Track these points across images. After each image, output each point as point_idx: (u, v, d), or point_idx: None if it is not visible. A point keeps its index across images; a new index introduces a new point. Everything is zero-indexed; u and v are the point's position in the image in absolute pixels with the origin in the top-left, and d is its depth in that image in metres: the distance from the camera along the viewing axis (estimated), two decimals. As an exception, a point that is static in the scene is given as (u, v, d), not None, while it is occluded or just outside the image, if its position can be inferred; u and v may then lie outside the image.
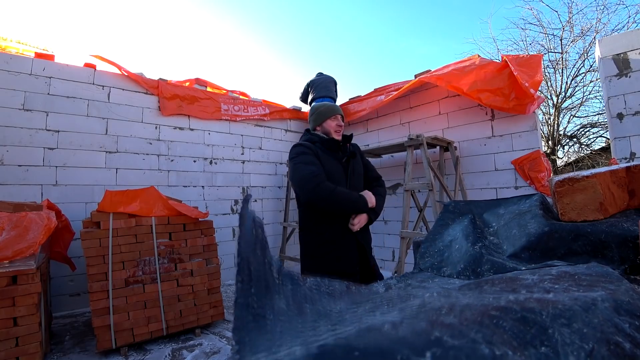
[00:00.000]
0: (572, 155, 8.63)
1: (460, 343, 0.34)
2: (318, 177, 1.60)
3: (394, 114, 4.41)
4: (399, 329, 0.36)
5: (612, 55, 2.84)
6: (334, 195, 1.59)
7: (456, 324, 0.38)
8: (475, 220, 1.18)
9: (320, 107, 1.87)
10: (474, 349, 0.34)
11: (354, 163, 1.82)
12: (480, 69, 3.33)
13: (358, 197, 1.68)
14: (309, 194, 1.61)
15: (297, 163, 1.67)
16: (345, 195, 1.64)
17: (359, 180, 1.84)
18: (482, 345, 0.34)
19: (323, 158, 1.71)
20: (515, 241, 1.02)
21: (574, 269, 0.70)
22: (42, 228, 2.08)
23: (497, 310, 0.42)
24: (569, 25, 7.48)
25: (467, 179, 3.65)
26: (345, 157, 1.79)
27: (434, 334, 0.35)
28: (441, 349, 0.33)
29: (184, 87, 4.06)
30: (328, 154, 1.75)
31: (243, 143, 4.55)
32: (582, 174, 1.03)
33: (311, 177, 1.60)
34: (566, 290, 0.56)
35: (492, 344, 0.35)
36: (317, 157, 1.70)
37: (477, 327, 0.38)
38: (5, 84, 2.98)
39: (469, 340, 0.35)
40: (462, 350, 0.33)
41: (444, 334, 0.35)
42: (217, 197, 4.16)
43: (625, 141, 2.77)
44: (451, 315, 0.40)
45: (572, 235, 0.95)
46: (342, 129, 1.86)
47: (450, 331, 0.36)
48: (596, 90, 7.55)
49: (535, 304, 0.46)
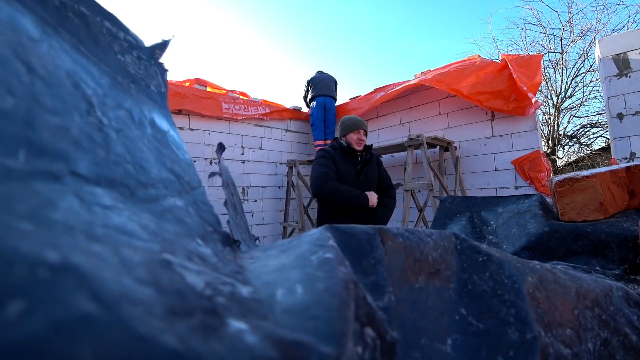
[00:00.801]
0: (572, 155, 8.63)
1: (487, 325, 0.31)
2: (326, 177, 1.93)
3: (394, 114, 4.41)
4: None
5: (612, 55, 2.84)
6: (336, 192, 1.91)
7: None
8: (473, 219, 1.18)
9: (347, 121, 2.14)
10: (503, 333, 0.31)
11: (367, 169, 2.10)
12: (479, 70, 3.33)
13: (359, 194, 1.96)
14: (317, 191, 1.95)
15: (315, 165, 2.03)
16: (347, 191, 1.93)
17: (371, 184, 2.10)
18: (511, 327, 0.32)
19: (339, 162, 2.03)
20: (515, 241, 1.02)
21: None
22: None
23: (533, 274, 0.39)
24: (569, 25, 7.48)
25: (467, 179, 3.65)
26: (360, 164, 2.08)
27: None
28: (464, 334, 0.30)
29: (184, 87, 4.06)
30: (345, 160, 2.06)
31: (243, 143, 4.55)
32: (582, 174, 1.03)
33: (321, 176, 1.93)
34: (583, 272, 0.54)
35: (526, 324, 0.32)
36: (334, 161, 2.02)
37: (513, 299, 0.35)
38: (5, 84, 2.98)
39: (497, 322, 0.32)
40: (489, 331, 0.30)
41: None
42: (217, 197, 4.16)
43: (625, 141, 2.77)
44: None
45: (572, 235, 0.95)
46: (363, 142, 2.13)
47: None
48: (596, 90, 7.56)
49: (565, 276, 0.43)
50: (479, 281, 0.37)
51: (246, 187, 4.50)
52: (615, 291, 0.49)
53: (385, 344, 0.26)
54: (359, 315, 0.25)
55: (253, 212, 4.54)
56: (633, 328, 0.46)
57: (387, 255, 0.35)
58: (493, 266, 0.38)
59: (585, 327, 0.39)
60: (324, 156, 2.03)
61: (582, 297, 0.41)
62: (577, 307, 0.40)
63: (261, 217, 4.65)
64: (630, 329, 0.45)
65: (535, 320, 0.34)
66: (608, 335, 0.41)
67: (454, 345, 0.30)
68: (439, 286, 0.36)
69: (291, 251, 0.33)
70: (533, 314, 0.34)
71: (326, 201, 1.98)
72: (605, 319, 0.43)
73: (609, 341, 0.41)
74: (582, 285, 0.43)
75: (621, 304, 0.48)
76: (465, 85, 3.31)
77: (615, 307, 0.46)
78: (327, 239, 0.32)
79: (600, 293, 0.45)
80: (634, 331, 0.45)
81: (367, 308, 0.27)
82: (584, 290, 0.43)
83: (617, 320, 0.45)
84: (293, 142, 5.18)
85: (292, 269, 0.28)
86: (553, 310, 0.37)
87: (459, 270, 0.38)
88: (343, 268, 0.27)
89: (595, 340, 0.39)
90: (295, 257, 0.30)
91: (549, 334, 0.34)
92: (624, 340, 0.43)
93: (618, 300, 0.48)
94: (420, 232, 0.40)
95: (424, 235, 0.40)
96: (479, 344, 0.31)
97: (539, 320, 0.34)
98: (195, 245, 0.31)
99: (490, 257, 0.39)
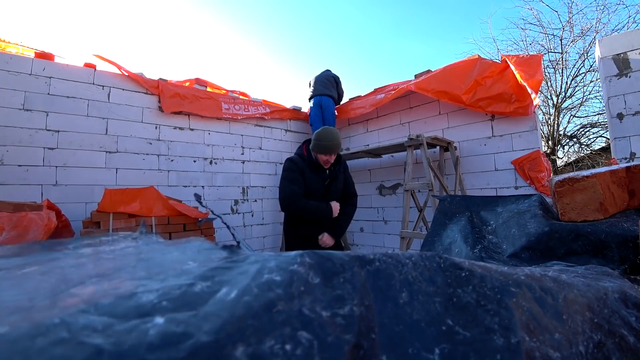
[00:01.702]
0: (572, 155, 8.63)
1: (473, 334, 0.33)
2: (295, 197, 2.04)
3: (394, 114, 4.41)
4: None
5: (612, 55, 2.84)
6: (304, 209, 2.06)
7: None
8: (472, 219, 1.18)
9: (320, 141, 2.11)
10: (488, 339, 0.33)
11: (335, 183, 2.21)
12: (479, 75, 3.36)
13: (324, 208, 2.10)
14: (286, 208, 2.10)
15: (283, 179, 2.11)
16: (313, 208, 2.07)
17: (337, 195, 2.23)
18: (496, 334, 0.34)
19: (308, 175, 2.11)
20: (515, 241, 1.02)
21: (575, 269, 0.70)
22: (42, 228, 2.07)
23: (516, 285, 0.42)
24: (569, 25, 7.48)
25: (467, 179, 3.65)
26: (328, 179, 2.17)
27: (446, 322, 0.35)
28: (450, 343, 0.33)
29: (184, 87, 4.06)
30: (313, 173, 2.13)
31: (243, 143, 4.54)
32: (582, 174, 1.03)
33: (290, 195, 2.05)
34: (577, 277, 0.55)
35: (509, 330, 0.35)
36: (302, 173, 2.10)
37: (496, 308, 0.37)
38: (5, 84, 2.98)
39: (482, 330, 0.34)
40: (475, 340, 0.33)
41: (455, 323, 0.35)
42: (217, 197, 4.15)
43: (625, 141, 2.77)
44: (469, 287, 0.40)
45: (572, 235, 0.95)
46: (330, 162, 2.17)
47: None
48: (596, 90, 7.56)
49: (552, 284, 0.45)
50: (463, 294, 0.40)
51: (246, 187, 4.50)
52: (610, 294, 0.49)
53: (336, 344, 0.32)
54: (291, 323, 0.32)
55: (253, 212, 4.54)
56: (631, 329, 0.46)
57: (362, 277, 0.40)
58: (475, 280, 0.42)
59: (575, 331, 0.40)
60: (292, 169, 2.11)
61: (570, 302, 0.43)
62: (565, 312, 0.42)
63: (261, 217, 4.65)
64: (627, 331, 0.45)
65: (520, 327, 0.36)
66: (602, 337, 0.42)
67: (442, 353, 0.33)
68: (423, 300, 0.40)
69: (259, 264, 0.39)
70: (517, 321, 0.36)
71: (293, 216, 2.15)
72: (598, 322, 0.44)
73: (603, 343, 0.42)
74: (572, 291, 0.45)
75: (617, 306, 0.48)
76: (466, 95, 3.37)
77: (610, 310, 0.46)
78: (294, 263, 0.38)
79: (592, 297, 0.47)
80: (631, 332, 0.45)
81: (302, 318, 0.33)
82: (573, 295, 0.45)
83: (613, 323, 0.45)
84: (293, 142, 5.18)
85: (247, 277, 0.36)
86: (539, 317, 0.39)
87: (444, 285, 0.42)
88: (279, 290, 0.34)
89: (587, 343, 0.40)
90: (256, 270, 0.37)
91: (534, 338, 0.36)
92: (621, 341, 0.43)
93: (614, 303, 0.48)
94: (398, 255, 0.45)
95: (403, 258, 0.45)
96: (466, 351, 0.33)
97: (524, 326, 0.36)
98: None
99: (472, 272, 0.43)
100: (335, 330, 0.32)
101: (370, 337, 0.33)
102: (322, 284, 0.37)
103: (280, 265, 0.37)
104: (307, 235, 2.15)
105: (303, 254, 0.41)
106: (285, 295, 0.33)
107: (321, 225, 2.15)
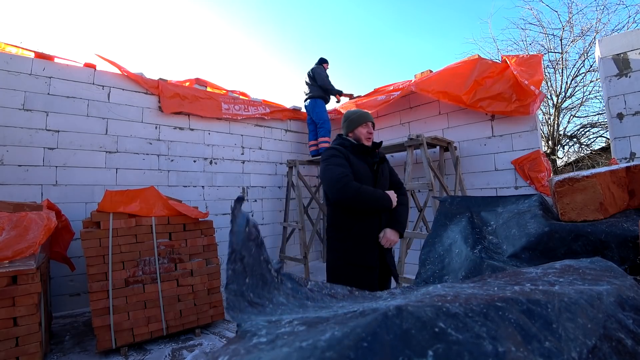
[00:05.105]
0: (572, 155, 8.63)
1: (464, 337, 0.34)
2: (346, 178, 1.71)
3: (394, 114, 4.41)
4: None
5: (612, 55, 2.84)
6: (360, 194, 1.70)
7: (461, 315, 0.38)
8: (473, 219, 1.18)
9: (352, 115, 1.94)
10: (477, 345, 0.33)
11: (382, 168, 1.92)
12: (479, 76, 3.36)
13: (382, 194, 1.78)
14: (337, 193, 1.72)
15: (328, 165, 1.79)
16: (371, 192, 1.74)
17: (387, 183, 1.94)
18: (485, 341, 0.34)
19: (353, 161, 1.81)
20: (515, 241, 1.02)
21: (578, 263, 0.70)
22: (42, 228, 2.07)
23: (502, 301, 0.42)
24: (569, 25, 7.48)
25: (467, 179, 3.65)
26: (375, 162, 1.89)
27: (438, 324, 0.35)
28: (444, 344, 0.33)
29: (184, 87, 4.06)
30: (358, 158, 1.85)
31: (243, 143, 4.55)
32: (582, 174, 1.03)
33: (340, 177, 1.71)
34: (571, 284, 0.55)
35: (496, 340, 0.35)
36: (347, 159, 1.80)
37: (482, 320, 0.37)
38: (5, 84, 2.97)
39: (472, 335, 0.34)
40: (466, 346, 0.33)
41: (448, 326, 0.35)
42: (217, 197, 4.15)
43: (625, 141, 2.77)
44: (456, 304, 0.40)
45: (572, 236, 0.95)
46: (372, 136, 1.95)
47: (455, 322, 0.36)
48: (596, 90, 7.56)
49: (541, 295, 0.45)
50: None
51: (246, 187, 4.50)
52: (605, 297, 0.49)
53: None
54: None
55: (253, 212, 4.54)
56: (628, 332, 0.45)
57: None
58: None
59: (567, 338, 0.40)
60: (336, 155, 1.80)
61: (560, 311, 0.43)
62: (556, 322, 0.42)
63: (261, 217, 4.65)
64: (624, 334, 0.45)
65: (506, 338, 0.36)
66: (597, 342, 0.42)
67: (436, 354, 0.33)
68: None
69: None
70: (503, 333, 0.37)
71: (347, 204, 1.74)
72: (592, 327, 0.43)
73: (598, 348, 0.41)
74: (562, 300, 0.45)
75: (613, 310, 0.48)
76: (466, 95, 3.36)
77: (604, 314, 0.46)
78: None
79: (584, 303, 0.46)
80: (629, 335, 0.45)
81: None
82: (563, 305, 0.45)
83: (608, 327, 0.45)
84: (293, 142, 5.18)
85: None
86: (528, 327, 0.39)
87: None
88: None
89: (580, 348, 0.40)
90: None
91: (521, 348, 0.36)
92: (618, 345, 0.43)
93: (609, 307, 0.48)
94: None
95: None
96: (460, 350, 0.33)
97: (510, 337, 0.37)
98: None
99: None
100: None
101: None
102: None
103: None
104: (359, 234, 1.78)
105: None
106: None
107: (380, 222, 1.80)
